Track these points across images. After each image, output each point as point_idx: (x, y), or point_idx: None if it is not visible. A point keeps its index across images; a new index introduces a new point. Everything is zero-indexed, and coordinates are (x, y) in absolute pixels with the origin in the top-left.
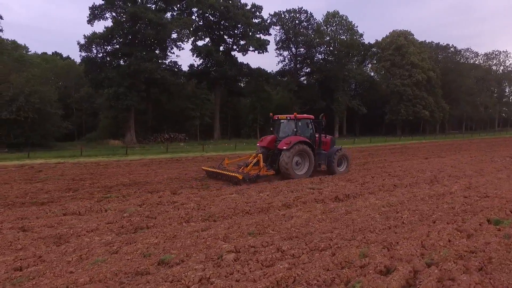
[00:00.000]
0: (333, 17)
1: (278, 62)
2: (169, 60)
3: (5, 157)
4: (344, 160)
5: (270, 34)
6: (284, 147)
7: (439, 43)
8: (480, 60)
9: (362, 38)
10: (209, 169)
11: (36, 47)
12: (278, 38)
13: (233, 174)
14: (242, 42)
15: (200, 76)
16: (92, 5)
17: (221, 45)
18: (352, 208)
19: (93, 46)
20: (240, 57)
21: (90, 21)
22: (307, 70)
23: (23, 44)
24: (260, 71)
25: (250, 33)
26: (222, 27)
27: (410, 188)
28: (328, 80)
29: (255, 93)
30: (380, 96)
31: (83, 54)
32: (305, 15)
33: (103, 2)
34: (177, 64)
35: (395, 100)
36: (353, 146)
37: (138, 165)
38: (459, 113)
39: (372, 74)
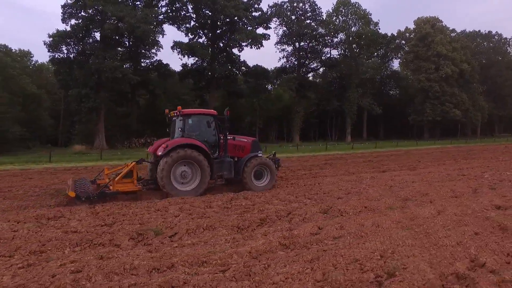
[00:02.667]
0: (343, 5)
1: (280, 58)
2: (154, 59)
3: None
4: (266, 171)
5: (270, 28)
6: (159, 153)
7: (479, 31)
8: None
9: (378, 28)
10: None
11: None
12: (280, 32)
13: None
14: (234, 37)
15: (195, 76)
16: (64, 3)
17: (216, 42)
18: None
19: (62, 45)
20: (241, 56)
21: (64, 20)
22: (313, 66)
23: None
24: (258, 69)
25: (245, 27)
26: (210, 21)
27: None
28: (340, 77)
29: (254, 93)
30: (406, 94)
31: (51, 54)
32: (309, 4)
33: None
34: (162, 63)
35: (420, 98)
36: (366, 151)
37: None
38: (507, 113)
39: (397, 68)
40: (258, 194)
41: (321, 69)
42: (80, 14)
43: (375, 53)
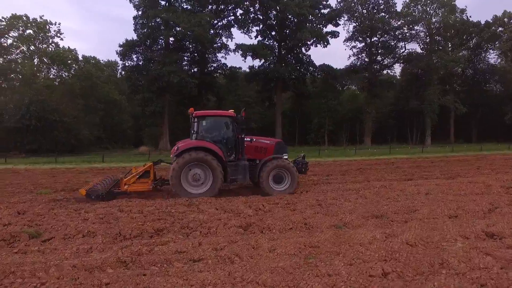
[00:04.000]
0: None
1: (349, 56)
2: (221, 63)
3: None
4: (286, 175)
5: (339, 25)
6: (172, 154)
7: None
8: None
9: (466, 15)
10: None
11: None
12: (350, 28)
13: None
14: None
15: (262, 78)
16: (135, 15)
17: (283, 43)
18: None
19: (132, 54)
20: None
21: (136, 30)
22: (387, 63)
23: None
24: (324, 68)
25: (312, 25)
26: (276, 22)
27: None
28: (419, 73)
29: (321, 93)
30: (506, 90)
31: (122, 62)
32: None
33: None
34: (225, 66)
35: None
36: (434, 155)
37: None
38: None
39: (494, 60)
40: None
41: (395, 66)
42: (150, 24)
43: (464, 44)
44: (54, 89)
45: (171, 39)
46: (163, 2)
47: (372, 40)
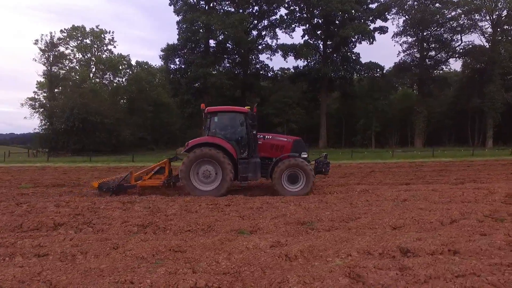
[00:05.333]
0: None
1: (399, 52)
2: (263, 64)
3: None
4: (301, 175)
5: (387, 20)
6: (183, 151)
7: None
8: None
9: None
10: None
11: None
12: (400, 22)
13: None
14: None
15: (306, 78)
16: (178, 20)
17: (328, 41)
18: None
19: (174, 57)
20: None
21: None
22: (440, 58)
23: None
24: (371, 65)
25: (357, 22)
26: (321, 20)
27: None
28: (480, 68)
29: (368, 93)
30: None
31: (165, 64)
32: None
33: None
34: (267, 66)
35: None
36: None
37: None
38: None
39: None
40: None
41: (450, 61)
42: (190, 28)
43: None
44: (99, 93)
45: (212, 42)
46: (203, 6)
47: (424, 34)
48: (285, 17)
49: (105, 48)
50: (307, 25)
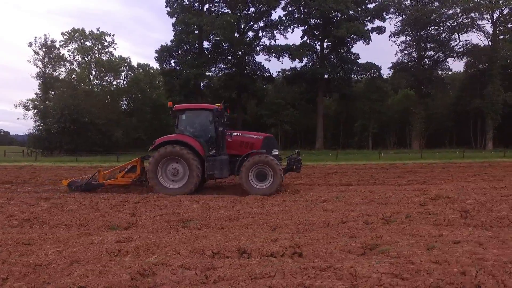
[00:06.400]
0: None
1: (396, 52)
2: (255, 66)
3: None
4: (269, 172)
5: (385, 20)
6: (150, 149)
7: None
8: None
9: None
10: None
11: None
12: (397, 21)
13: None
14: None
15: (304, 80)
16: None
17: (324, 42)
18: None
19: (169, 59)
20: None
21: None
22: (438, 58)
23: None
24: (366, 66)
25: (356, 21)
26: (318, 20)
27: None
28: (479, 69)
29: (365, 94)
30: None
31: (160, 66)
32: None
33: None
34: (263, 67)
35: None
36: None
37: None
38: None
39: None
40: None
41: (449, 61)
42: (183, 29)
43: None
44: (92, 94)
45: (207, 43)
46: (197, 7)
47: (422, 33)
48: (283, 18)
49: (105, 50)
50: (305, 26)
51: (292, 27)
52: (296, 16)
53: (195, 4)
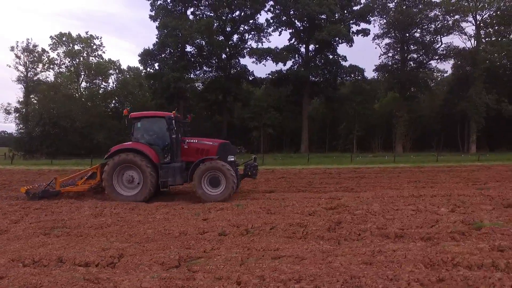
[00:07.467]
0: None
1: (380, 55)
2: (241, 68)
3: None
4: (222, 178)
5: (370, 22)
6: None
7: None
8: None
9: None
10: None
11: None
12: (382, 23)
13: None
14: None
15: (288, 82)
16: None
17: (310, 43)
18: None
19: (153, 62)
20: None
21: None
22: (422, 59)
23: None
24: (351, 69)
25: (337, 25)
26: (302, 23)
27: None
28: (463, 70)
29: (349, 96)
30: None
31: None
32: None
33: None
34: (247, 70)
35: None
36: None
37: None
38: None
39: None
40: None
41: (432, 62)
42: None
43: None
44: (73, 98)
45: (190, 47)
46: (180, 11)
47: (406, 35)
48: (270, 21)
49: (94, 53)
50: (292, 29)
51: (279, 30)
52: (283, 19)
53: (178, 7)
